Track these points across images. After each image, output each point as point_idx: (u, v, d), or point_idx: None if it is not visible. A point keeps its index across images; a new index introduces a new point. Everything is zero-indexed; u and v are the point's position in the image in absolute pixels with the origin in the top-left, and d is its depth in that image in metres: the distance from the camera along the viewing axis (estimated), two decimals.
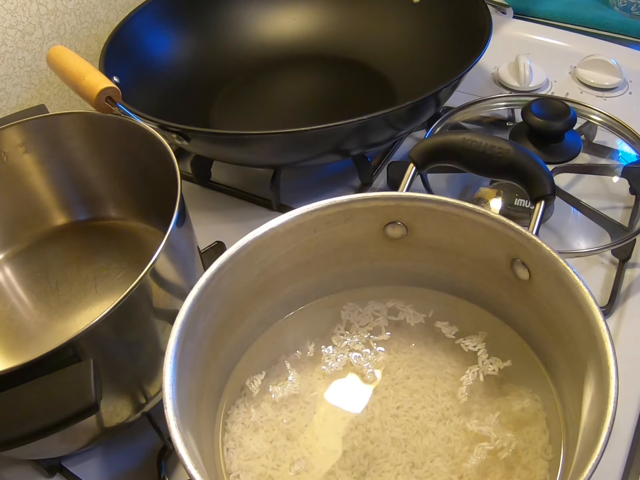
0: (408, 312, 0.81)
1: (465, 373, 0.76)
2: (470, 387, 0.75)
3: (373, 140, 1.01)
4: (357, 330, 0.80)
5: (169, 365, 0.60)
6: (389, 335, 0.80)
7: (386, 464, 0.70)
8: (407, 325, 0.81)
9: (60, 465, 0.83)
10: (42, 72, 1.19)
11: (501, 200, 0.98)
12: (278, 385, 0.77)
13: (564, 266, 0.65)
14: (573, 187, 1.05)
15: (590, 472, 0.52)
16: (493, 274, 0.74)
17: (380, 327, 0.81)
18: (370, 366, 0.77)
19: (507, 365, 0.75)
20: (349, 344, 0.79)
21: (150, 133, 0.84)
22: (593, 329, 0.60)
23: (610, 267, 0.96)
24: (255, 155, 1.02)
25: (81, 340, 0.65)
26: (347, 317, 0.81)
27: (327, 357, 0.78)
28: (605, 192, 1.05)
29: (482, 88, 1.28)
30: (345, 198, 0.72)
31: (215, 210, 1.12)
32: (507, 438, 0.70)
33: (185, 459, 0.55)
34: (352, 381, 0.77)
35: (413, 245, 0.77)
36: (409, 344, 0.79)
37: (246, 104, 1.24)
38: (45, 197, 0.99)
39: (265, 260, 0.73)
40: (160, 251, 0.70)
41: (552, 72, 1.29)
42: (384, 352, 0.79)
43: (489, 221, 0.70)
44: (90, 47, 1.27)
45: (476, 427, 0.71)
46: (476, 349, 0.77)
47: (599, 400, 0.58)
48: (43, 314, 0.91)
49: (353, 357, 0.78)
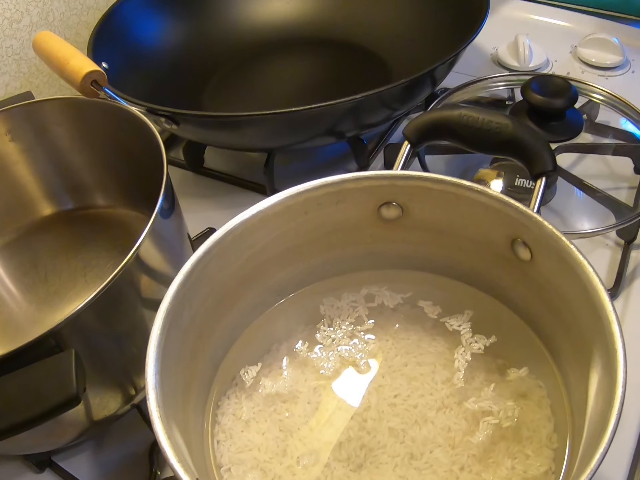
0: (397, 298, 0.79)
1: (466, 360, 0.73)
2: (472, 374, 0.72)
3: (368, 121, 0.99)
4: (347, 319, 0.78)
5: (152, 355, 0.58)
6: (397, 326, 0.77)
7: (383, 456, 0.67)
8: (405, 311, 0.78)
9: (50, 460, 0.82)
10: (30, 60, 1.17)
11: (502, 182, 0.96)
12: (270, 376, 0.74)
13: (567, 245, 0.62)
14: (575, 167, 1.03)
15: (597, 462, 0.49)
16: (493, 255, 0.72)
17: (383, 313, 0.79)
18: (363, 356, 0.75)
19: (514, 354, 0.73)
20: (336, 339, 0.77)
21: (137, 116, 0.82)
22: (599, 310, 0.58)
23: (615, 248, 0.94)
24: (248, 139, 1.00)
25: (63, 329, 0.62)
26: (328, 311, 0.79)
27: (318, 359, 0.75)
28: (608, 172, 1.03)
29: (480, 69, 1.25)
30: (337, 178, 0.70)
31: (208, 197, 1.10)
32: (509, 407, 0.69)
33: (167, 452, 0.52)
34: (347, 371, 0.74)
35: (409, 226, 0.74)
36: (406, 330, 0.77)
37: (238, 88, 1.22)
38: (32, 187, 0.97)
39: (253, 244, 0.70)
40: (144, 237, 0.67)
41: (553, 52, 1.27)
42: (374, 339, 0.76)
43: (487, 199, 0.67)
44: (79, 34, 1.25)
45: (475, 404, 0.69)
46: (482, 343, 0.74)
47: (606, 385, 0.55)
48: (32, 305, 0.89)
49: (343, 351, 0.75)
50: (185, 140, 1.11)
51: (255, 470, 0.67)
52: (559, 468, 0.64)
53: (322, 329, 0.77)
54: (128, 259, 0.66)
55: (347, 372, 0.74)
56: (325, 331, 0.77)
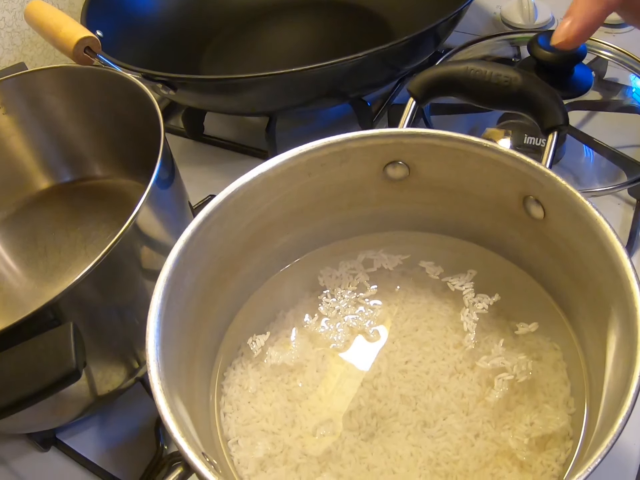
0: (396, 260, 0.77)
1: (474, 321, 0.71)
2: (483, 336, 0.70)
3: (371, 81, 0.97)
4: (348, 288, 0.76)
5: (153, 325, 0.56)
6: (398, 289, 0.75)
7: (395, 424, 0.65)
8: (413, 274, 0.76)
9: (55, 438, 0.81)
10: (24, 32, 1.15)
11: (510, 140, 0.93)
12: (277, 344, 0.72)
13: (582, 201, 0.59)
14: (585, 125, 1.00)
15: (619, 428, 0.47)
16: (504, 214, 0.69)
17: (387, 279, 0.76)
18: (372, 323, 0.73)
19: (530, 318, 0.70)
20: (341, 309, 0.74)
21: (133, 82, 0.80)
22: (617, 269, 0.55)
23: (627, 207, 0.92)
24: (247, 103, 0.98)
25: (61, 302, 0.61)
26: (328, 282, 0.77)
27: (326, 332, 0.73)
28: (619, 130, 1.00)
29: (485, 29, 1.23)
30: (341, 137, 0.67)
31: (209, 165, 1.08)
32: (522, 361, 0.67)
33: (170, 426, 0.50)
34: (357, 340, 0.72)
35: (416, 186, 0.72)
36: (416, 293, 0.75)
37: (237, 53, 1.19)
38: (28, 160, 0.96)
39: (256, 208, 0.68)
40: (142, 206, 0.66)
41: (558, 9, 1.23)
42: (380, 305, 0.74)
43: (497, 155, 0.65)
44: (73, 4, 1.24)
45: (487, 362, 0.68)
46: (486, 302, 0.72)
47: (626, 346, 0.53)
48: (32, 280, 0.88)
49: (350, 320, 0.73)
50: (185, 107, 1.09)
51: (264, 442, 0.65)
52: (577, 434, 0.62)
53: (324, 300, 0.75)
54: (125, 228, 0.64)
55: (357, 341, 0.72)
56: (328, 303, 0.74)
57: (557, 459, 0.61)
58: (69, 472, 0.78)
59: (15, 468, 0.79)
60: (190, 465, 0.49)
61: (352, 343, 0.72)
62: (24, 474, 0.78)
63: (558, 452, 0.62)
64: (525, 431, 0.63)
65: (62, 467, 0.79)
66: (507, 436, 0.63)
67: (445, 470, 0.62)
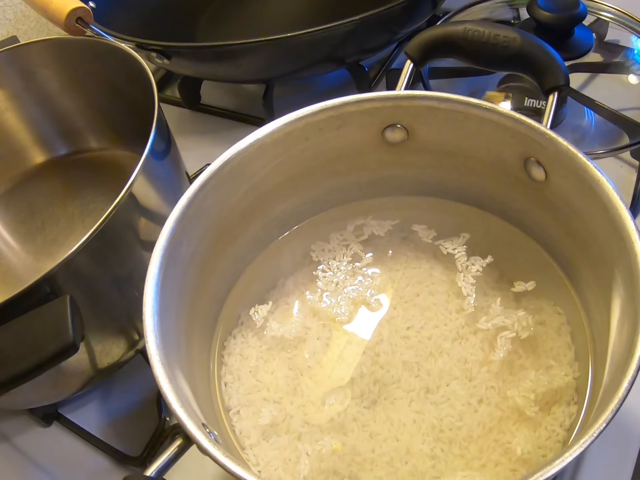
0: (386, 225, 0.76)
1: (472, 284, 0.71)
2: (484, 299, 0.69)
3: (368, 45, 0.96)
4: (343, 259, 0.75)
5: (150, 295, 0.55)
6: (391, 254, 0.75)
7: (398, 391, 0.65)
8: (414, 240, 0.75)
9: (57, 412, 0.80)
10: (16, 6, 1.14)
11: (510, 103, 0.93)
12: (277, 312, 0.72)
13: (584, 162, 0.58)
14: (586, 87, 0.99)
15: (625, 392, 0.47)
16: (505, 177, 0.68)
17: (381, 246, 0.76)
18: (373, 292, 0.72)
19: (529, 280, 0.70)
20: (339, 282, 0.73)
21: (126, 52, 0.79)
22: (620, 230, 0.55)
23: (630, 170, 0.91)
24: (243, 70, 0.96)
25: (57, 275, 0.60)
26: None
27: (329, 307, 0.72)
28: (620, 92, 0.99)
29: None
30: (338, 101, 0.66)
31: (206, 134, 1.08)
32: (522, 317, 0.67)
33: (169, 397, 0.50)
34: (360, 311, 0.72)
35: (415, 149, 0.71)
36: (417, 258, 0.74)
37: (232, 20, 1.18)
38: (23, 135, 0.95)
39: (253, 175, 0.67)
40: (137, 176, 0.65)
41: None
42: (379, 273, 0.74)
43: (498, 117, 0.64)
44: None
45: (488, 323, 0.67)
46: (486, 261, 0.72)
47: (630, 309, 0.52)
48: (30, 255, 0.87)
49: (351, 292, 0.72)
50: (181, 77, 1.08)
51: (266, 412, 0.64)
52: (582, 399, 0.61)
53: (321, 275, 0.74)
54: (120, 199, 0.63)
55: (360, 312, 0.71)
56: (325, 277, 0.74)
57: (562, 424, 0.61)
58: (71, 446, 0.78)
59: (17, 444, 0.79)
60: (189, 437, 0.49)
61: (355, 315, 0.71)
62: (27, 450, 0.78)
63: (562, 417, 0.61)
64: (530, 387, 0.63)
65: (65, 442, 0.78)
66: (513, 394, 0.63)
67: (448, 436, 0.62)
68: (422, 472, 0.60)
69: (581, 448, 0.45)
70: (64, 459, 0.77)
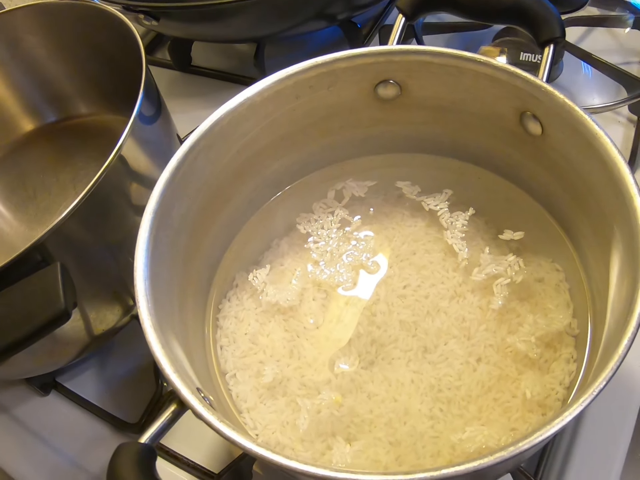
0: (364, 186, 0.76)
1: (460, 238, 0.70)
2: (485, 259, 0.68)
3: (359, 1, 0.94)
4: (332, 226, 0.74)
5: (141, 259, 0.54)
6: (373, 211, 0.75)
7: (395, 351, 0.65)
8: (408, 199, 0.74)
9: (55, 381, 0.81)
10: None
11: (505, 58, 0.92)
12: (272, 273, 0.71)
13: (580, 115, 0.57)
14: (583, 41, 0.99)
15: (625, 349, 0.46)
16: (501, 132, 0.67)
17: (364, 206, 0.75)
18: (369, 256, 0.71)
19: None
20: (334, 250, 0.73)
21: (113, 15, 0.78)
22: (619, 184, 0.54)
23: (628, 125, 0.90)
24: (233, 29, 0.95)
25: (47, 242, 0.60)
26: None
27: (330, 277, 0.71)
28: (618, 46, 0.98)
29: None
30: (328, 57, 0.65)
31: (198, 96, 1.07)
32: (512, 261, 0.67)
33: (162, 361, 0.49)
34: (360, 273, 0.71)
35: (409, 105, 0.69)
36: (413, 217, 0.73)
37: None
38: (11, 103, 0.94)
39: (244, 135, 0.66)
40: (126, 138, 0.64)
41: None
42: (372, 236, 0.73)
43: (492, 71, 0.62)
44: None
45: (481, 273, 0.67)
46: (466, 215, 0.71)
47: (630, 265, 0.51)
48: (23, 224, 0.87)
49: (345, 258, 0.72)
50: (171, 39, 1.07)
51: (262, 375, 0.64)
52: (581, 355, 0.61)
53: (313, 248, 0.73)
54: (109, 163, 0.62)
55: (360, 275, 0.71)
56: (318, 249, 0.73)
57: (562, 382, 0.60)
58: (70, 415, 0.78)
59: (16, 414, 0.79)
60: (183, 402, 0.48)
61: (357, 279, 0.70)
62: (26, 420, 0.78)
63: (562, 375, 0.61)
64: (529, 331, 0.63)
65: (64, 411, 0.78)
66: (514, 341, 0.63)
67: (447, 396, 0.62)
68: (421, 433, 0.60)
69: (581, 407, 0.44)
70: (62, 428, 0.77)
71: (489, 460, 0.43)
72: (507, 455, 0.43)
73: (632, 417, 0.68)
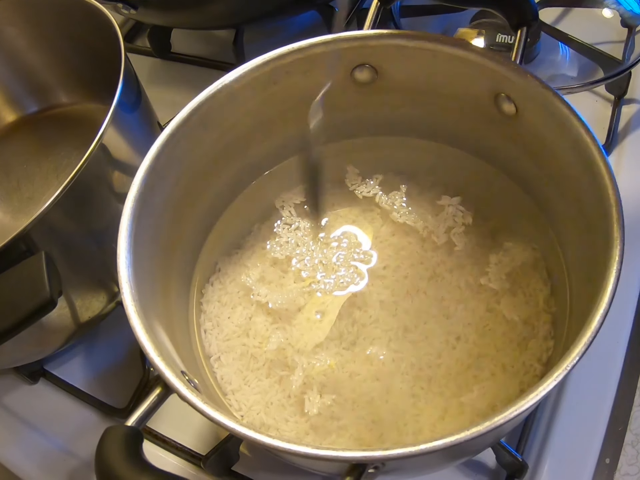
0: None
1: (456, 224, 0.71)
2: (462, 240, 0.69)
3: None
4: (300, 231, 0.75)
5: (124, 246, 0.55)
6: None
7: (376, 330, 0.65)
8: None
9: (43, 369, 0.81)
10: None
11: (483, 40, 0.91)
12: (254, 257, 0.72)
13: (552, 95, 0.58)
14: (560, 22, 0.98)
15: (597, 324, 0.47)
16: (477, 113, 0.68)
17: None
18: (359, 251, 0.72)
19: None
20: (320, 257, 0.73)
21: (91, 4, 0.78)
22: (591, 165, 0.54)
23: (605, 104, 0.90)
24: (210, 16, 0.94)
25: (32, 232, 0.60)
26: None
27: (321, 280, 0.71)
28: (594, 26, 0.97)
29: None
30: (304, 43, 0.65)
31: (178, 83, 1.06)
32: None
33: (146, 346, 0.50)
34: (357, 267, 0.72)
35: (386, 89, 0.70)
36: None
37: None
38: None
39: (223, 121, 0.66)
40: (106, 127, 0.65)
41: None
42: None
43: (465, 53, 0.63)
44: None
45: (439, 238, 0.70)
46: (462, 209, 0.72)
47: (603, 242, 0.52)
48: (7, 215, 0.87)
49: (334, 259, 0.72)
50: (150, 26, 1.06)
51: (246, 357, 0.65)
52: (559, 333, 0.62)
53: (298, 258, 0.72)
54: (90, 152, 0.63)
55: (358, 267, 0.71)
56: (304, 261, 0.72)
57: (539, 359, 0.61)
58: (59, 402, 0.79)
59: (5, 402, 0.79)
60: (168, 385, 0.49)
61: (356, 276, 0.71)
62: (15, 408, 0.79)
63: (539, 352, 0.62)
64: (497, 270, 0.66)
65: (52, 398, 0.79)
66: (486, 282, 0.66)
67: (427, 375, 0.63)
68: (403, 411, 0.61)
69: (555, 382, 0.45)
70: (52, 415, 0.78)
71: (466, 435, 0.44)
72: (483, 429, 0.44)
73: (612, 388, 0.69)
